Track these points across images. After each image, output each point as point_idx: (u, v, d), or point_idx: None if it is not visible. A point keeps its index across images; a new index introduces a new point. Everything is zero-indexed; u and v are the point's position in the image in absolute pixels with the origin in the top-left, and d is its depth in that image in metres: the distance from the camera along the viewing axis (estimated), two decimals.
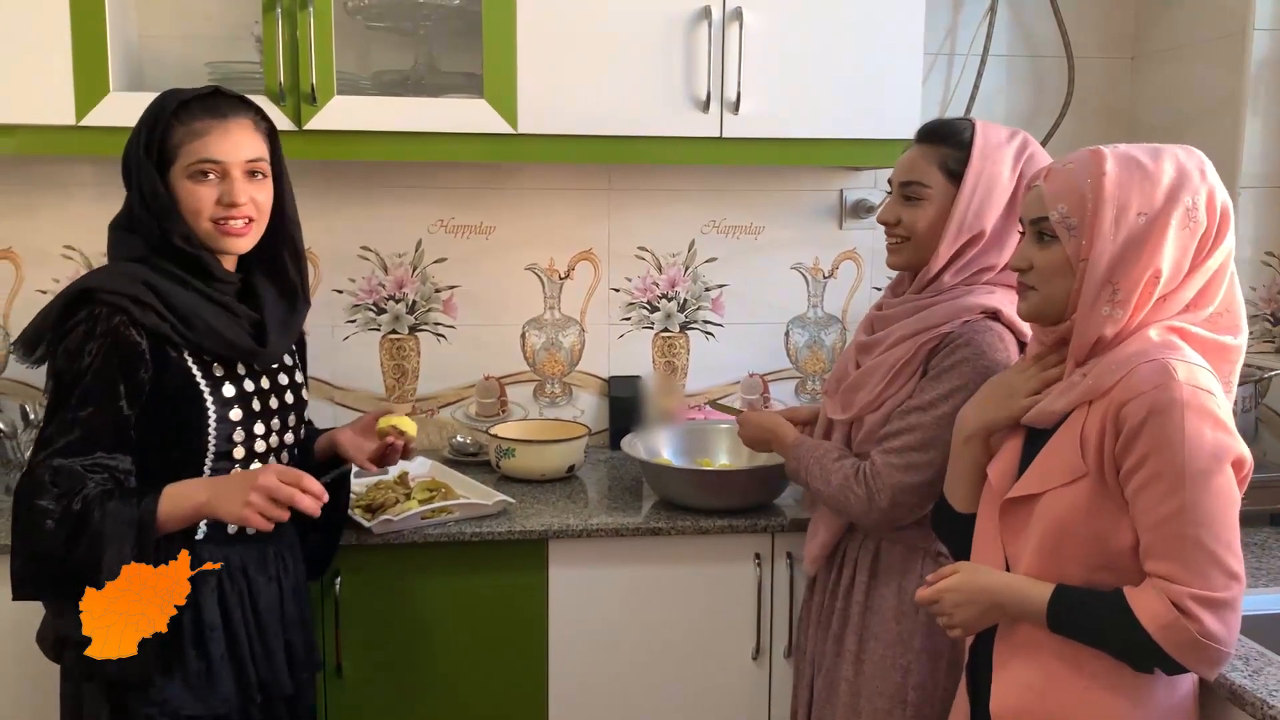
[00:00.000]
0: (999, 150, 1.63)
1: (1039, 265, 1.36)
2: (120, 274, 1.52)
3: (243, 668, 1.60)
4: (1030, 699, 1.35)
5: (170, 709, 1.53)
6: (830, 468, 1.70)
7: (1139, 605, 1.25)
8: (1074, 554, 1.31)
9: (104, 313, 1.48)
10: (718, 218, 2.59)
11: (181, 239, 1.54)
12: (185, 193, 1.54)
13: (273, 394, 1.66)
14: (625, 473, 2.37)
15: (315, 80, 2.07)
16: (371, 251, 2.49)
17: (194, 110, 1.55)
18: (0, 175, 2.34)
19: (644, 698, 2.10)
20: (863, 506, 1.64)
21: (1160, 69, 2.57)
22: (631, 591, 2.07)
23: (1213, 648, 1.22)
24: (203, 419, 1.55)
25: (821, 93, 2.22)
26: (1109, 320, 1.30)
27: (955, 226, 1.62)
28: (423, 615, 2.01)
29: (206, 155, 1.54)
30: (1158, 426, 1.23)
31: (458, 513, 2.01)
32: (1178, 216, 1.29)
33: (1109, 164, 1.30)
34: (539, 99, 2.14)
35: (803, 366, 2.67)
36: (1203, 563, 1.22)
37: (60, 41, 2.01)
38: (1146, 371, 1.26)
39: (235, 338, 1.57)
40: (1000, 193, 1.62)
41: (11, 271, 2.38)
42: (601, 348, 2.60)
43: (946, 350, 1.60)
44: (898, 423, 1.63)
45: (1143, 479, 1.25)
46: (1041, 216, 1.34)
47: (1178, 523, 1.23)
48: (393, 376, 2.53)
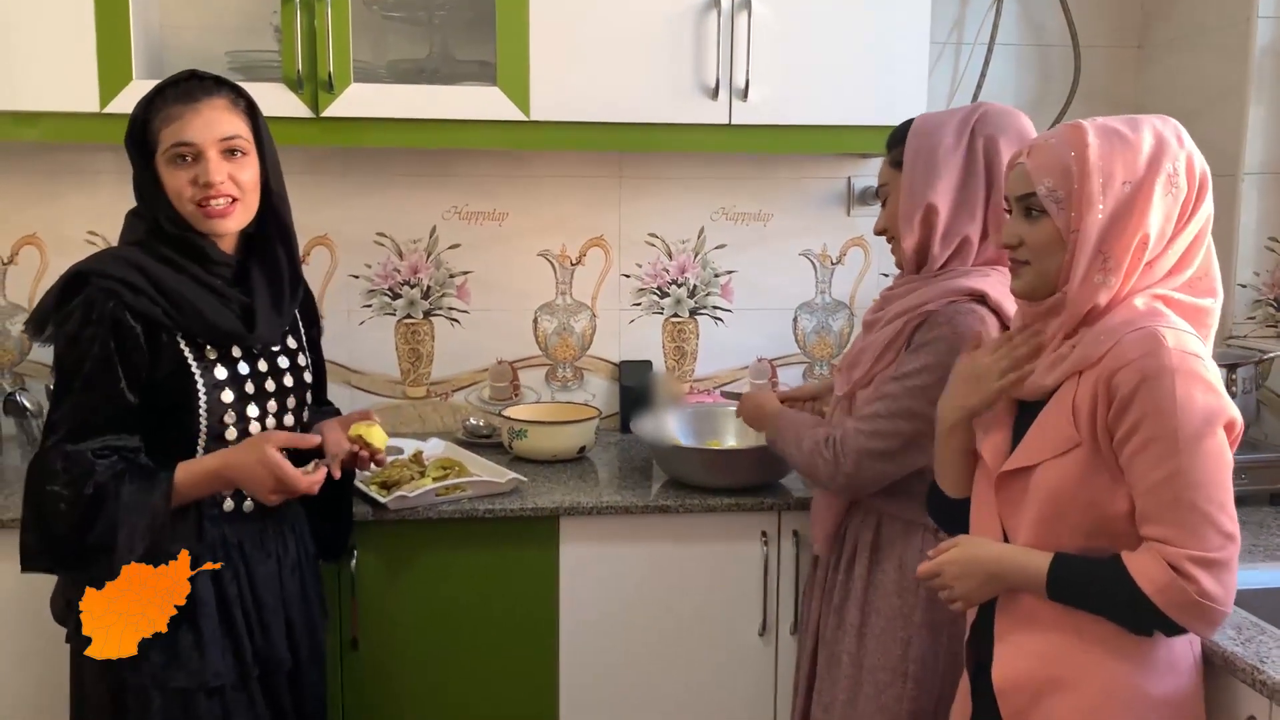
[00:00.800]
0: (936, 125, 1.68)
1: (1030, 241, 1.37)
2: (113, 258, 1.56)
3: (239, 642, 1.63)
4: (1033, 667, 1.37)
5: (159, 680, 1.57)
6: (804, 435, 1.76)
7: (1137, 569, 1.27)
8: (1071, 523, 1.33)
9: (99, 297, 1.52)
10: (727, 205, 2.62)
11: (169, 222, 1.58)
12: (167, 177, 1.58)
13: (270, 376, 1.68)
14: (635, 454, 2.41)
15: (332, 68, 2.11)
16: (387, 237, 2.53)
17: (168, 97, 1.58)
18: (25, 162, 2.40)
19: (652, 672, 2.14)
20: (829, 470, 1.70)
21: (1166, 58, 2.59)
22: (640, 568, 2.11)
23: (1211, 607, 1.24)
24: (194, 400, 1.58)
25: (829, 81, 2.25)
26: (1102, 288, 1.32)
27: (904, 204, 1.69)
28: (436, 590, 2.06)
29: (180, 139, 1.56)
30: (1149, 393, 1.25)
31: (471, 490, 2.06)
32: (1161, 182, 1.31)
33: (1090, 136, 1.33)
34: (551, 87, 2.18)
35: (811, 352, 2.71)
36: (1198, 524, 1.25)
37: (85, 30, 2.06)
38: (1135, 339, 1.28)
39: (222, 321, 1.59)
40: (943, 160, 1.66)
41: (36, 257, 2.43)
42: (612, 333, 2.64)
43: (927, 326, 1.65)
44: (872, 393, 1.69)
45: (1136, 445, 1.27)
46: (1028, 192, 1.36)
47: (1172, 486, 1.25)
48: (408, 360, 2.58)
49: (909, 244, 1.70)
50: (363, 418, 1.77)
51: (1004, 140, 1.66)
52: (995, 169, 1.66)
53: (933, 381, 1.61)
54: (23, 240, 2.43)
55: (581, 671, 2.12)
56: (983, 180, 1.67)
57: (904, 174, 1.69)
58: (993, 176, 1.67)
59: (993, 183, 1.67)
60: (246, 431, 1.64)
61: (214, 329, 1.59)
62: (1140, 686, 1.33)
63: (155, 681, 1.57)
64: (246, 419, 1.64)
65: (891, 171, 1.73)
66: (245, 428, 1.64)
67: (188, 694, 1.58)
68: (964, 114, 1.69)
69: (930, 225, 1.68)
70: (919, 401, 1.62)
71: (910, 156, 1.68)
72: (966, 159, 1.67)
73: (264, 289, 1.66)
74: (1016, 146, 1.67)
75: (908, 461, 1.67)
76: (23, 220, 2.42)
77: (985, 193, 1.67)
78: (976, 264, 1.70)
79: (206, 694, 1.59)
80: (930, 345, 1.63)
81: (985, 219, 1.69)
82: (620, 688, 2.14)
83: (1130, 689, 1.32)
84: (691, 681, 2.15)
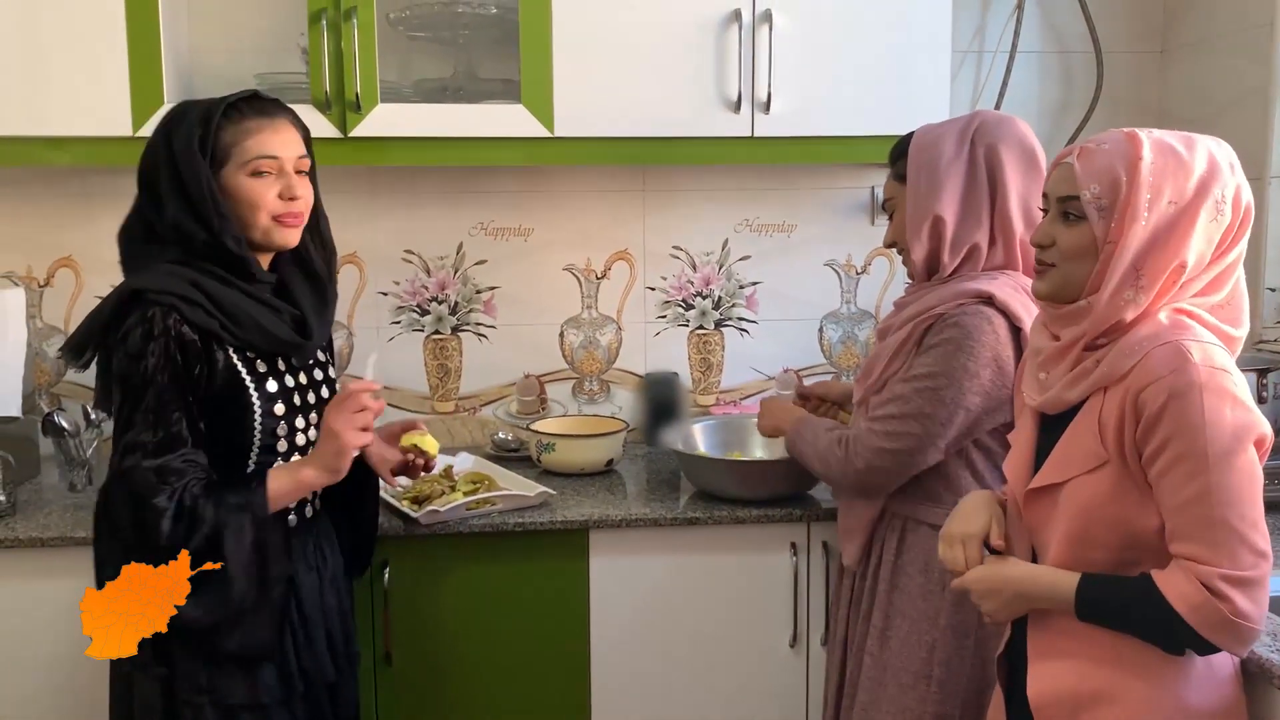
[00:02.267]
0: (936, 137, 1.72)
1: (1063, 244, 1.35)
2: (166, 274, 1.54)
3: (285, 657, 1.64)
4: (1069, 683, 1.35)
5: (217, 698, 1.58)
6: (820, 436, 1.80)
7: (1168, 588, 1.25)
8: (1101, 539, 1.32)
9: (158, 313, 1.50)
10: (751, 216, 2.63)
11: (232, 240, 1.56)
12: (246, 189, 1.57)
13: (310, 388, 1.70)
14: (663, 466, 2.42)
15: (359, 89, 2.14)
16: (415, 254, 2.56)
17: (244, 110, 1.59)
18: (60, 186, 2.44)
19: (683, 683, 2.14)
20: (840, 468, 1.74)
21: (1189, 62, 2.59)
22: (670, 580, 2.11)
23: (1244, 626, 1.23)
24: (249, 414, 1.59)
25: (851, 91, 2.26)
26: (1130, 305, 1.30)
27: (910, 216, 1.72)
28: (468, 603, 2.07)
29: (265, 152, 1.57)
30: (1177, 410, 1.24)
31: (501, 504, 2.08)
32: (1207, 208, 1.29)
33: (1146, 149, 1.29)
34: (574, 103, 2.20)
35: (837, 362, 2.71)
36: (1230, 543, 1.23)
37: (117, 56, 2.10)
38: (1161, 355, 1.26)
39: (281, 332, 1.61)
40: (945, 171, 1.69)
41: (71, 279, 2.48)
42: (638, 346, 2.65)
43: (936, 329, 1.67)
44: (884, 394, 1.71)
45: (1165, 463, 1.25)
46: (1071, 195, 1.33)
47: (1203, 504, 1.23)
48: (436, 376, 2.60)
49: (919, 255, 1.73)
50: (409, 427, 1.80)
51: (1004, 147, 1.70)
52: (998, 176, 1.70)
53: (943, 383, 1.63)
54: (58, 263, 2.47)
55: (613, 682, 2.13)
56: (986, 188, 1.70)
57: (908, 187, 1.72)
58: (996, 184, 1.70)
59: (996, 190, 1.70)
60: (294, 444, 1.66)
61: (274, 339, 1.60)
62: (1181, 698, 1.31)
63: (213, 699, 1.58)
64: (295, 430, 1.66)
65: (896, 185, 1.77)
66: (294, 439, 1.66)
67: (235, 709, 1.60)
68: (962, 124, 1.72)
69: (938, 235, 1.71)
70: (929, 402, 1.65)
71: (913, 170, 1.72)
72: (969, 168, 1.70)
73: (309, 300, 1.68)
74: (1017, 153, 1.70)
75: (918, 461, 1.69)
76: (58, 243, 2.46)
77: (990, 200, 1.70)
78: (986, 269, 1.73)
79: (251, 710, 1.60)
80: (939, 346, 1.65)
81: (992, 226, 1.71)
82: (652, 698, 2.14)
83: (1171, 700, 1.31)
84: (723, 692, 2.15)
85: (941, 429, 1.66)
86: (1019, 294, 1.67)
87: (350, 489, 1.79)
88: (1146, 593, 1.27)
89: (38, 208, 2.45)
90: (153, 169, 1.59)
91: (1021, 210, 1.71)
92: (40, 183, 2.44)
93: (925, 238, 1.71)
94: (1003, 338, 1.64)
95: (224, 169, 1.57)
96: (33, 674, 1.98)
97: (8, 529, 1.97)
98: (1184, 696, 1.31)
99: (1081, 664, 1.35)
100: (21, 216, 2.45)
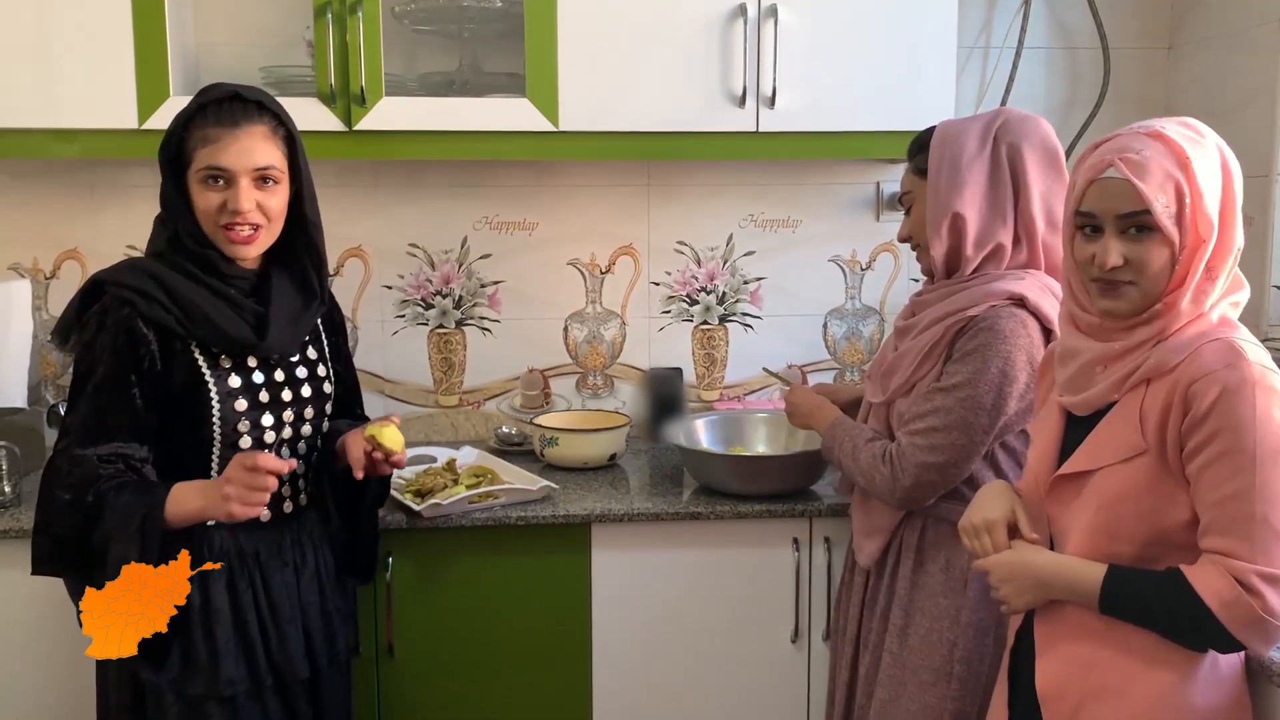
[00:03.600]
0: (958, 132, 1.69)
1: (1143, 261, 1.30)
2: (129, 267, 1.60)
3: (252, 651, 1.64)
4: (1076, 675, 1.36)
5: (176, 687, 1.60)
6: (861, 448, 1.75)
7: (1200, 583, 1.25)
8: (1127, 532, 1.32)
9: (113, 305, 1.55)
10: (755, 212, 2.63)
11: (189, 237, 1.60)
12: (196, 195, 1.60)
13: (287, 386, 1.69)
14: (665, 461, 2.42)
15: (364, 82, 2.14)
16: (419, 248, 2.56)
17: (209, 117, 1.59)
18: (66, 178, 2.45)
19: (685, 677, 2.15)
20: (887, 485, 1.70)
21: (1196, 58, 2.58)
22: (672, 574, 2.12)
23: (1275, 624, 1.23)
24: (207, 409, 1.60)
25: (856, 86, 2.25)
26: (1207, 296, 1.31)
27: (930, 212, 1.70)
28: (471, 596, 2.08)
29: (214, 163, 1.57)
30: (1229, 405, 1.23)
31: (504, 497, 2.08)
32: (1237, 189, 1.31)
33: (1186, 147, 1.28)
34: (579, 97, 2.20)
35: (841, 358, 2.71)
36: (1268, 540, 1.23)
37: (123, 49, 2.10)
38: (1215, 350, 1.26)
39: (233, 330, 1.61)
40: (967, 168, 1.67)
41: (78, 270, 2.48)
42: (642, 341, 2.65)
43: (970, 333, 1.65)
44: (923, 404, 1.68)
45: (1209, 456, 1.25)
46: (1137, 210, 1.28)
47: (1245, 501, 1.23)
48: (440, 370, 2.61)
49: (938, 252, 1.70)
50: (382, 420, 1.76)
51: (1027, 146, 1.67)
52: (1020, 176, 1.67)
53: (983, 390, 1.62)
54: (64, 255, 2.48)
55: (615, 675, 2.13)
56: (1009, 187, 1.68)
57: (929, 182, 1.70)
58: (1019, 183, 1.68)
59: (1019, 189, 1.68)
60: (261, 440, 1.66)
61: (225, 337, 1.60)
62: (1187, 696, 1.31)
63: (172, 687, 1.59)
64: (261, 428, 1.66)
65: (914, 179, 1.75)
66: (260, 436, 1.66)
67: (201, 700, 1.61)
68: (986, 120, 1.70)
69: (958, 232, 1.69)
70: (971, 412, 1.63)
71: (934, 165, 1.69)
72: (991, 166, 1.68)
73: (283, 301, 1.68)
74: (1040, 153, 1.68)
75: (964, 471, 1.67)
76: (64, 235, 2.47)
77: (1014, 199, 1.68)
78: (1009, 268, 1.71)
79: (218, 701, 1.61)
80: (976, 353, 1.63)
81: (1016, 225, 1.69)
82: (653, 691, 2.15)
83: (1176, 698, 1.31)
84: (724, 687, 2.16)
85: (984, 436, 1.65)
86: (1047, 295, 1.66)
87: (342, 494, 1.80)
88: (1175, 587, 1.26)
89: (43, 200, 2.46)
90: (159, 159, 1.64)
91: (1044, 210, 1.69)
92: (46, 175, 2.44)
93: (945, 234, 1.69)
94: (1036, 341, 1.63)
95: (187, 172, 1.60)
96: (35, 664, 1.99)
97: (13, 519, 1.98)
98: (1190, 693, 1.31)
99: (1089, 657, 1.35)
100: (27, 209, 2.46)
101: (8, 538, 1.95)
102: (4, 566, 1.96)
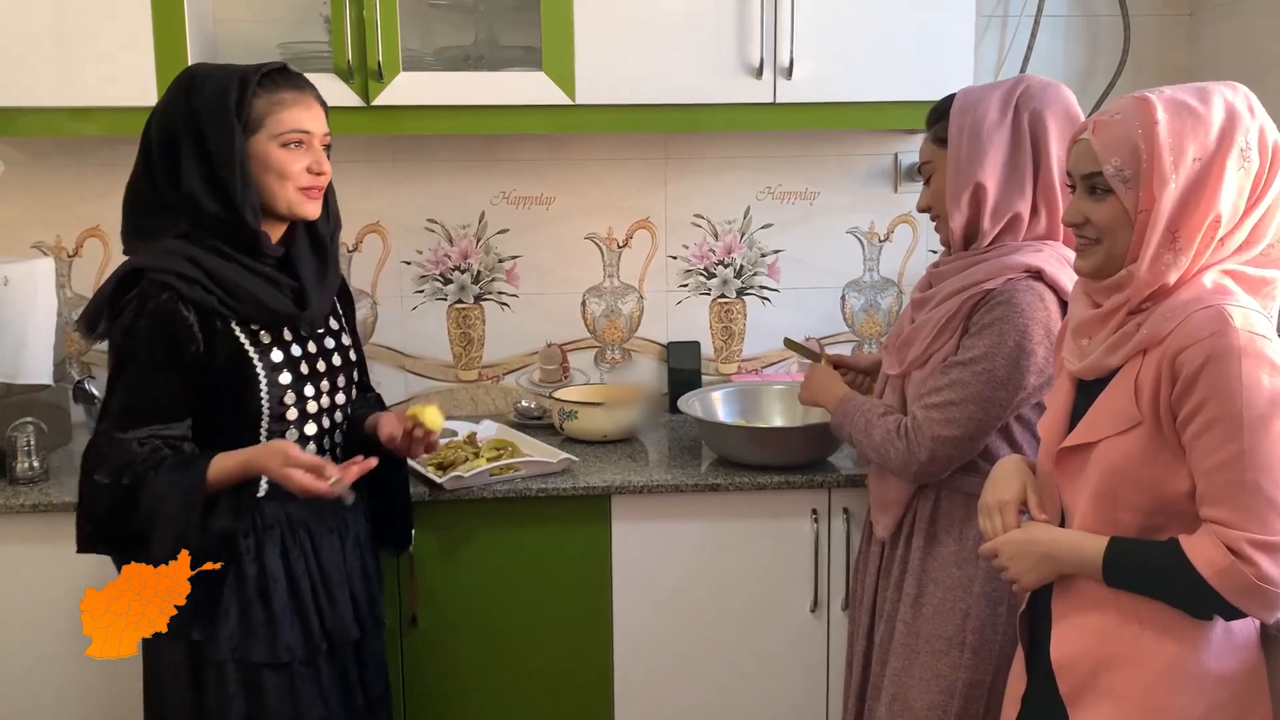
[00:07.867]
0: (979, 99, 1.67)
1: (1096, 220, 1.33)
2: (166, 252, 1.59)
3: (307, 617, 1.68)
4: (1091, 644, 1.36)
5: (239, 655, 1.62)
6: (874, 422, 1.75)
7: (1195, 552, 1.25)
8: (1129, 501, 1.32)
9: (153, 290, 1.56)
10: (773, 184, 2.63)
11: (251, 212, 1.59)
12: (276, 160, 1.60)
13: (320, 357, 1.73)
14: (684, 434, 2.43)
15: (381, 58, 2.14)
16: (437, 224, 2.57)
17: (278, 81, 1.62)
18: (87, 156, 2.46)
19: (704, 648, 2.17)
20: (902, 459, 1.69)
21: (1219, 25, 2.55)
22: (692, 546, 2.13)
23: (1271, 591, 1.22)
24: (254, 384, 1.63)
25: (874, 57, 2.24)
26: (1171, 268, 1.29)
27: (950, 182, 1.68)
28: (492, 567, 2.10)
29: (300, 126, 1.61)
30: (1215, 373, 1.23)
31: (524, 470, 2.09)
32: (1233, 158, 1.27)
33: (1159, 111, 1.28)
34: (596, 70, 2.19)
35: (859, 330, 2.71)
36: (1260, 507, 1.23)
37: (141, 26, 2.11)
38: (1202, 318, 1.25)
39: (279, 305, 1.64)
40: (989, 136, 1.65)
41: (100, 249, 2.50)
42: (660, 314, 2.66)
43: (987, 307, 1.64)
44: (939, 378, 1.67)
45: (1200, 425, 1.25)
46: (1094, 171, 1.32)
47: (1235, 468, 1.23)
48: (459, 345, 2.62)
49: (957, 223, 1.69)
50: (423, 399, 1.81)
51: (1050, 114, 1.65)
52: (1042, 144, 1.65)
53: (1000, 364, 1.61)
54: (86, 233, 2.50)
55: (636, 645, 2.16)
56: (1030, 155, 1.66)
57: (949, 151, 1.68)
58: (1040, 151, 1.66)
59: (1040, 158, 1.66)
60: (305, 412, 1.69)
61: (270, 311, 1.64)
62: (1201, 663, 1.31)
63: (234, 656, 1.62)
64: (304, 399, 1.69)
65: (934, 148, 1.73)
66: (304, 408, 1.69)
67: (258, 668, 1.64)
68: (1007, 87, 1.68)
69: (978, 203, 1.67)
70: (988, 385, 1.62)
71: (955, 133, 1.67)
72: (1013, 134, 1.66)
73: (310, 271, 1.71)
74: (1063, 121, 1.66)
75: (980, 445, 1.67)
76: (86, 213, 2.49)
77: (1034, 168, 1.66)
78: (1027, 239, 1.69)
79: (274, 669, 1.65)
80: (993, 326, 1.62)
81: (1035, 194, 1.68)
82: (674, 660, 2.17)
83: (1191, 665, 1.31)
84: (744, 656, 2.17)
85: (1001, 410, 1.64)
86: (1064, 267, 1.64)
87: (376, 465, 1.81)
88: (1173, 557, 1.27)
89: (65, 178, 2.47)
90: (170, 135, 1.61)
91: (1064, 179, 1.68)
92: (67, 153, 2.46)
93: (965, 205, 1.67)
94: (1054, 314, 1.62)
95: (254, 137, 1.60)
96: (68, 638, 2.02)
97: (41, 494, 2.01)
98: (1205, 660, 1.31)
99: (1104, 626, 1.35)
100: (50, 187, 2.48)
101: (37, 511, 1.98)
102: (35, 540, 2.00)
